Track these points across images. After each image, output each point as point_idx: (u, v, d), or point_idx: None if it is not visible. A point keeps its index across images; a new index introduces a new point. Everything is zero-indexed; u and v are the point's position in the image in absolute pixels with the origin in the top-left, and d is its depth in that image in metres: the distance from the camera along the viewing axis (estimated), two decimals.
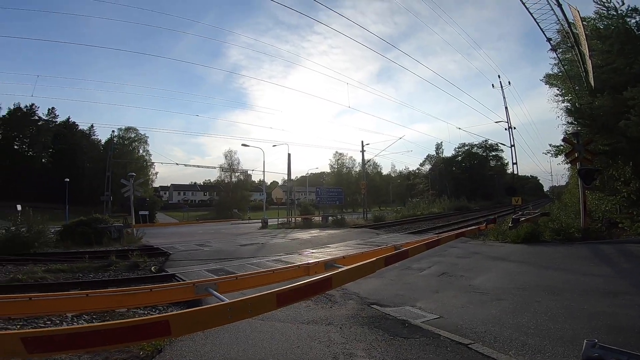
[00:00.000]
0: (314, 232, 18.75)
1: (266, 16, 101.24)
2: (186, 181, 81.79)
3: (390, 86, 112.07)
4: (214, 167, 64.66)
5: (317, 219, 26.78)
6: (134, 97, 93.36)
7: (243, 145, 40.02)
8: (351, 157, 73.53)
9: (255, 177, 67.56)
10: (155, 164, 60.44)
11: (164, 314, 2.59)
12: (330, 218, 26.39)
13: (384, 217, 28.97)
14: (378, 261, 3.86)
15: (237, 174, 62.40)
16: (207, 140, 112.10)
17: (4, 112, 52.59)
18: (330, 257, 6.05)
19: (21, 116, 55.71)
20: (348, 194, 52.89)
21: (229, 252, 11.33)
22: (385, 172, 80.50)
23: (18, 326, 4.10)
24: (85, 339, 1.74)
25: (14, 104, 55.16)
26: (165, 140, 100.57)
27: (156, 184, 65.46)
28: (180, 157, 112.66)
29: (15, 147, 55.81)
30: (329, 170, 76.01)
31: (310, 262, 4.29)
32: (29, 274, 7.58)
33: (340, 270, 3.44)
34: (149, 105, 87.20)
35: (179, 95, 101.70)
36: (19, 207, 19.73)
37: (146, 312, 4.76)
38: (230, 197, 59.18)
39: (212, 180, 75.24)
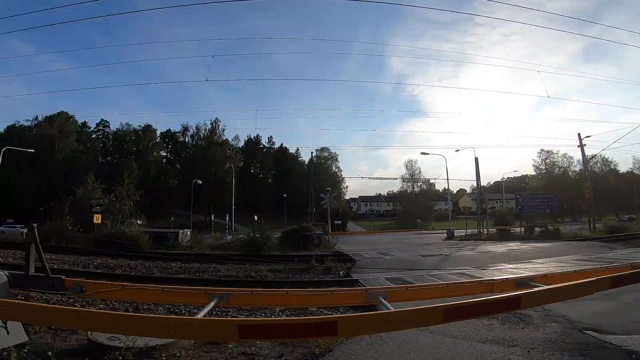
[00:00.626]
0: (513, 245, 16.19)
1: (415, 20, 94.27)
2: (371, 193, 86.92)
3: (609, 64, 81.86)
4: (396, 178, 66.42)
5: (518, 229, 23.06)
6: (324, 120, 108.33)
7: (422, 153, 39.21)
8: (565, 154, 58.72)
9: (439, 186, 64.45)
10: (345, 178, 68.07)
11: (335, 316, 2.82)
12: (536, 229, 22.34)
13: (624, 227, 21.79)
14: (598, 282, 2.84)
15: (418, 184, 61.66)
16: (387, 152, 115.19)
17: (242, 142, 72.07)
18: (529, 273, 5.01)
19: (252, 145, 74.89)
20: (565, 199, 42.35)
21: (410, 262, 11.24)
22: (623, 169, 60.17)
23: (245, 314, 5.35)
24: (279, 331, 2.02)
25: (247, 136, 74.43)
26: (352, 156, 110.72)
27: (347, 197, 73.50)
28: (365, 170, 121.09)
29: (252, 171, 75.07)
30: (532, 173, 63.89)
31: (495, 278, 3.67)
32: (258, 271, 9.96)
33: (535, 290, 2.75)
34: (336, 125, 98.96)
35: (358, 113, 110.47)
36: (255, 218, 26.70)
37: (330, 313, 5.28)
38: (414, 206, 58.89)
39: (394, 191, 77.47)
